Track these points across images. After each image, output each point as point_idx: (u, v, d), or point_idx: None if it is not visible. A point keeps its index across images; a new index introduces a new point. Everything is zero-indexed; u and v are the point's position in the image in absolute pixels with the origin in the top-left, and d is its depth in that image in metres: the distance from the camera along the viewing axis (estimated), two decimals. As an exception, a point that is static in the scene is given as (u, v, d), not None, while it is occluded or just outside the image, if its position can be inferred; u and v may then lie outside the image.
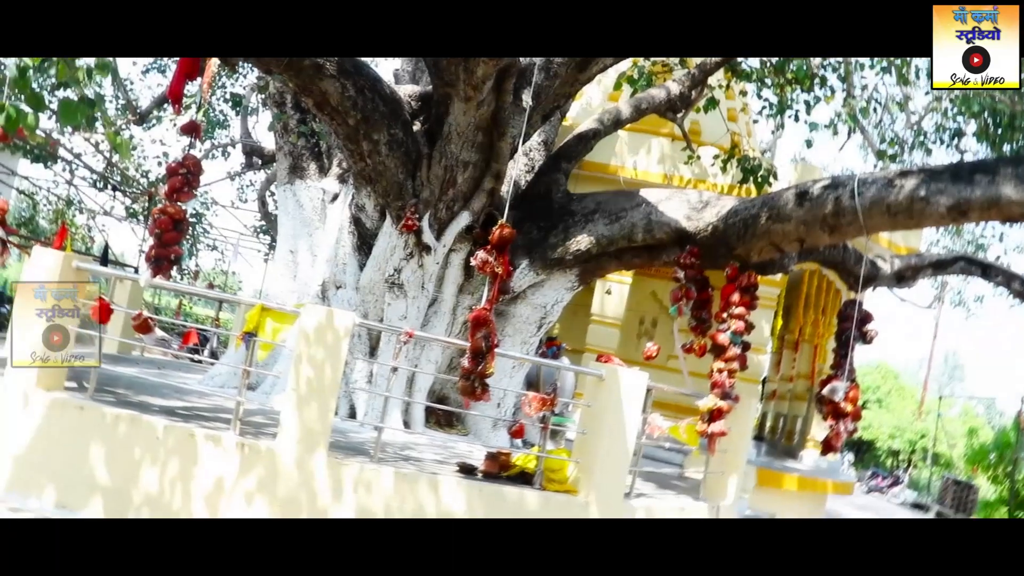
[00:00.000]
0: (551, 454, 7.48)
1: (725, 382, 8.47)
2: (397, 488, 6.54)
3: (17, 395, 6.77)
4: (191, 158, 7.15)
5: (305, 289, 10.36)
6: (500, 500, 6.81)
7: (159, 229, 6.91)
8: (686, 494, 9.11)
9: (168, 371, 11.04)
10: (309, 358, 6.52)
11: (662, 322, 14.94)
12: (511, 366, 10.19)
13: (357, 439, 8.12)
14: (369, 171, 9.15)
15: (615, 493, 7.39)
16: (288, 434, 6.43)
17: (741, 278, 8.75)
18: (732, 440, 8.82)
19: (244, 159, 18.21)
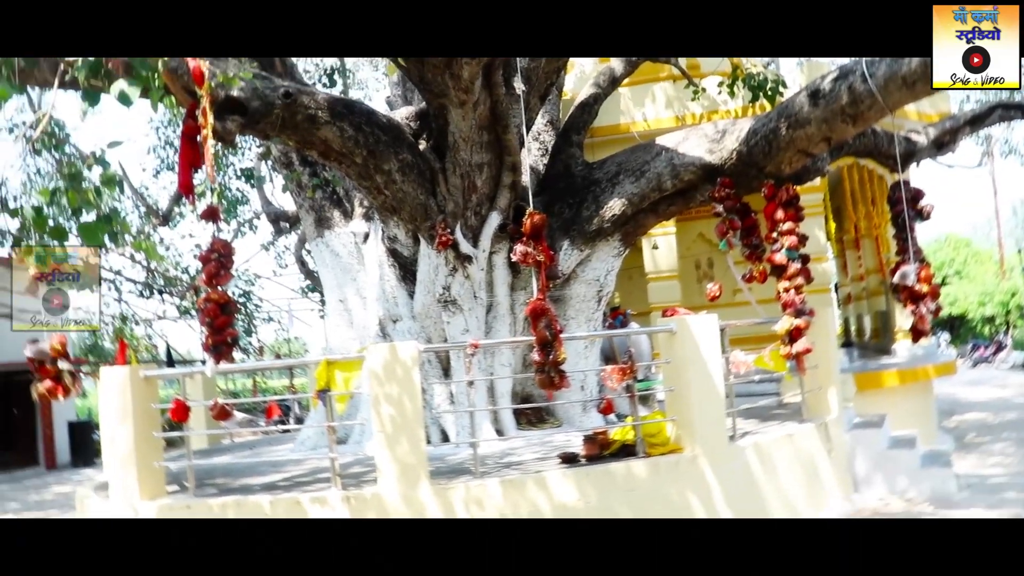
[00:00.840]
0: (646, 420, 7.44)
1: (795, 300, 8.33)
2: (507, 496, 6.56)
3: (126, 509, 6.95)
4: (219, 242, 7.24)
5: (364, 333, 10.44)
6: (609, 479, 6.79)
7: (209, 317, 7.00)
8: (790, 419, 9.00)
9: (260, 449, 11.24)
10: (386, 397, 6.58)
11: (718, 260, 14.77)
12: (583, 346, 10.15)
13: (456, 460, 8.16)
14: (390, 201, 9.20)
15: (719, 439, 7.33)
16: (388, 475, 6.49)
17: (780, 194, 8.60)
18: (819, 354, 8.69)
19: (272, 227, 18.44)
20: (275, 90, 7.76)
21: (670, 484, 6.95)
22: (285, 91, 7.84)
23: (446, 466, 7.79)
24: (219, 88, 6.93)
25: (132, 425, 7.16)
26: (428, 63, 8.22)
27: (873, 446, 9.36)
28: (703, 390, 7.27)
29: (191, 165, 7.05)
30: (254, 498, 6.71)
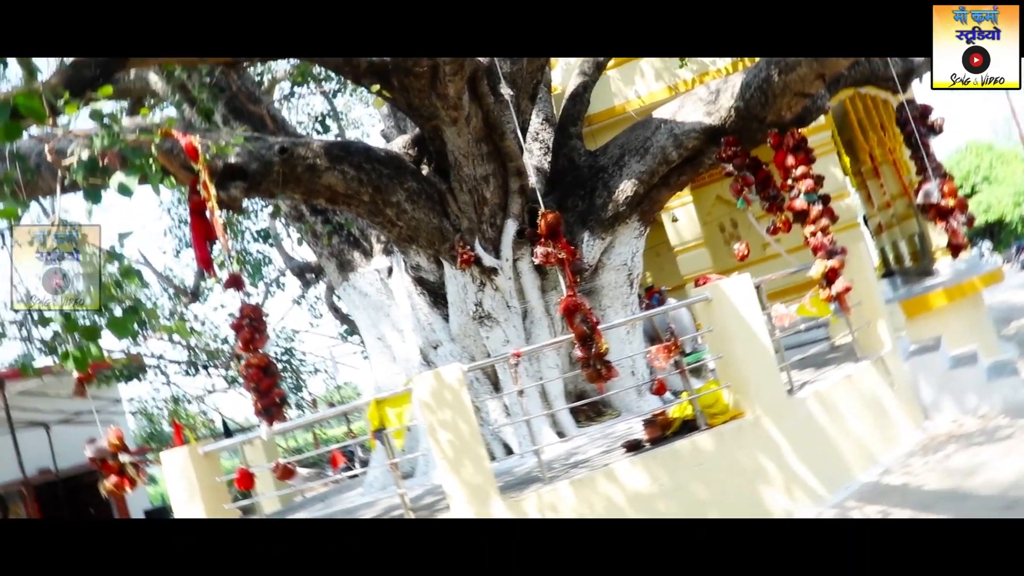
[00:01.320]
0: (701, 392, 7.39)
1: (824, 242, 8.24)
2: (580, 496, 6.54)
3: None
4: (248, 307, 7.30)
5: (408, 365, 10.48)
6: (675, 458, 6.75)
7: (253, 382, 7.06)
8: (846, 361, 8.89)
9: (331, 499, 11.31)
10: (440, 423, 6.58)
11: (740, 220, 14.64)
12: (624, 332, 10.12)
13: (523, 471, 8.15)
14: (405, 232, 9.24)
15: (777, 396, 7.27)
16: (458, 499, 6.49)
17: (786, 140, 8.51)
18: (860, 290, 8.59)
19: (299, 280, 18.60)
20: (270, 148, 7.83)
21: (737, 451, 6.90)
22: (280, 147, 7.91)
23: (515, 478, 7.79)
24: (215, 158, 7.01)
25: (201, 502, 7.23)
26: (412, 88, 8.26)
27: (934, 370, 9.23)
28: (751, 351, 7.22)
29: (205, 239, 7.13)
30: (334, 549, 6.73)
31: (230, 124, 9.68)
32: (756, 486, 6.85)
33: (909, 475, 7.14)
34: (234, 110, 9.98)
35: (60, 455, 16.75)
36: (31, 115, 4.02)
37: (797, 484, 6.96)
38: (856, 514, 6.49)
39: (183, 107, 10.13)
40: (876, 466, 7.65)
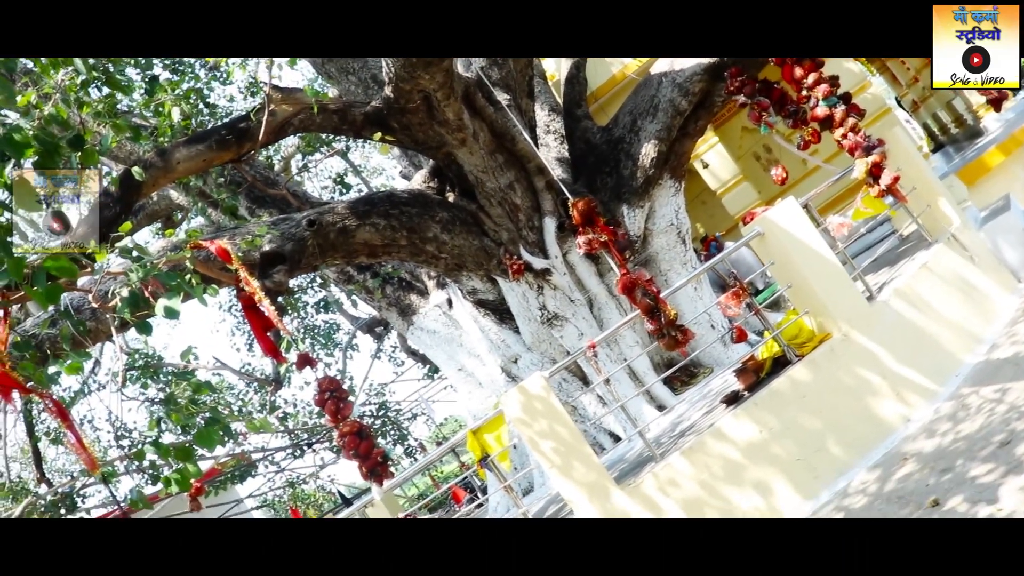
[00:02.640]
0: (781, 326, 7.27)
1: (857, 140, 8.06)
2: (694, 463, 6.48)
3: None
4: (325, 380, 7.43)
5: (495, 386, 10.52)
6: (776, 398, 6.65)
7: (352, 449, 7.18)
8: (918, 250, 8.67)
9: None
10: (539, 434, 6.60)
11: (771, 144, 14.40)
12: (692, 289, 10.02)
13: (636, 454, 8.12)
14: (451, 262, 9.30)
15: (859, 307, 7.11)
16: (579, 501, 6.49)
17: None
18: (910, 174, 8.36)
19: (371, 336, 18.84)
20: (299, 225, 7.96)
21: (836, 372, 6.77)
22: (308, 220, 8.04)
23: (629, 464, 7.76)
24: (250, 252, 7.15)
25: (340, 578, 7.34)
26: (413, 125, 8.33)
27: (1012, 230, 8.91)
28: (818, 271, 7.07)
29: (265, 329, 7.27)
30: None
31: (256, 214, 9.87)
32: (864, 401, 6.71)
33: (1019, 343, 6.90)
34: (256, 199, 10.18)
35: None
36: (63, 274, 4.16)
37: (905, 386, 6.79)
38: (974, 399, 6.30)
39: (208, 212, 10.36)
40: (981, 344, 7.42)
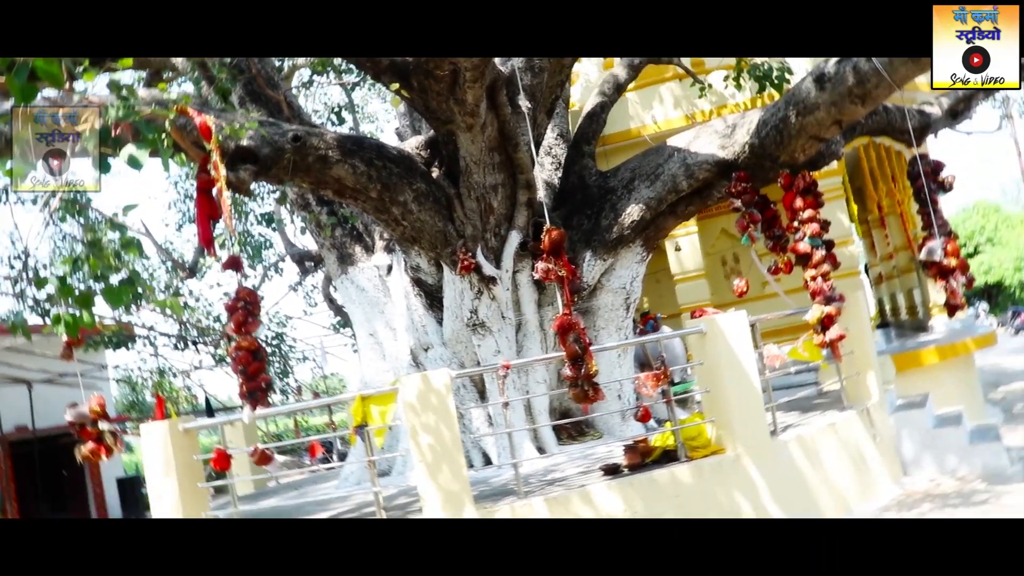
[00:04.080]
0: (685, 423, 7.40)
1: (823, 287, 8.25)
2: (553, 514, 6.54)
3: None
4: (244, 290, 7.29)
5: (397, 364, 10.47)
6: (653, 486, 6.76)
7: (242, 365, 7.04)
8: (831, 408, 8.90)
9: (305, 488, 11.29)
10: (423, 426, 6.59)
11: (742, 255, 14.69)
12: (615, 355, 10.13)
13: (500, 482, 8.15)
14: (409, 232, 9.25)
15: (760, 436, 7.27)
16: (432, 503, 6.50)
17: (797, 182, 8.53)
18: (853, 339, 8.61)
19: (298, 268, 18.57)
20: (284, 135, 7.84)
21: (715, 486, 6.91)
22: (294, 135, 7.92)
23: (490, 488, 7.79)
24: (228, 140, 7.02)
25: (176, 478, 7.22)
26: (431, 90, 8.27)
27: (918, 427, 9.24)
28: (739, 388, 7.22)
29: (209, 218, 7.12)
30: (303, 540, 6.72)
31: (246, 106, 9.68)
32: (730, 523, 6.84)
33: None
34: (251, 93, 9.99)
35: (39, 414, 16.65)
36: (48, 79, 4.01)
37: (771, 526, 6.95)
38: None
39: (201, 84, 10.14)
40: (849, 516, 7.65)
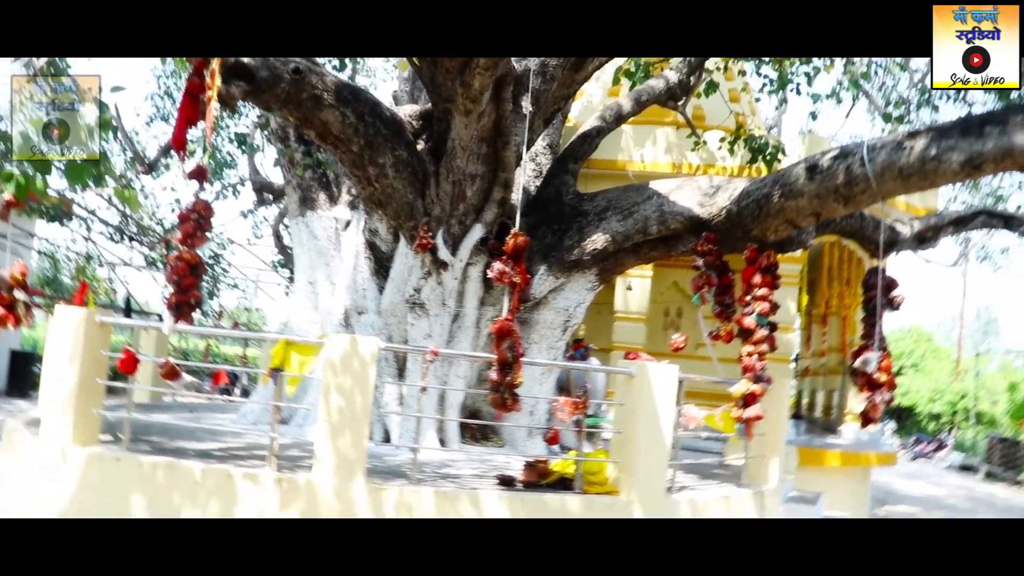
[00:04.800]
0: (589, 457, 7.45)
1: (756, 365, 8.40)
2: (439, 507, 6.54)
3: (55, 452, 6.86)
4: (201, 203, 7.17)
5: (328, 318, 10.39)
6: (542, 508, 6.79)
7: (176, 276, 6.92)
8: (728, 482, 9.05)
9: (201, 413, 11.11)
10: (338, 387, 6.54)
11: (687, 312, 14.86)
12: (540, 372, 10.17)
13: (394, 462, 8.13)
14: (378, 195, 9.18)
15: (656, 489, 7.35)
16: (324, 465, 6.45)
17: (760, 259, 8.68)
18: (769, 422, 8.75)
19: (255, 196, 18.31)
20: (286, 63, 7.72)
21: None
22: (295, 67, 7.81)
23: (383, 466, 7.76)
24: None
25: (78, 368, 7.06)
26: (441, 66, 8.23)
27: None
28: (650, 438, 7.29)
29: (188, 121, 6.99)
30: (186, 463, 6.62)
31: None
32: (604, 564, 6.90)
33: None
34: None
35: (-46, 266, 16.14)
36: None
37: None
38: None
39: None
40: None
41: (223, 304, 21.49)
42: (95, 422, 7.20)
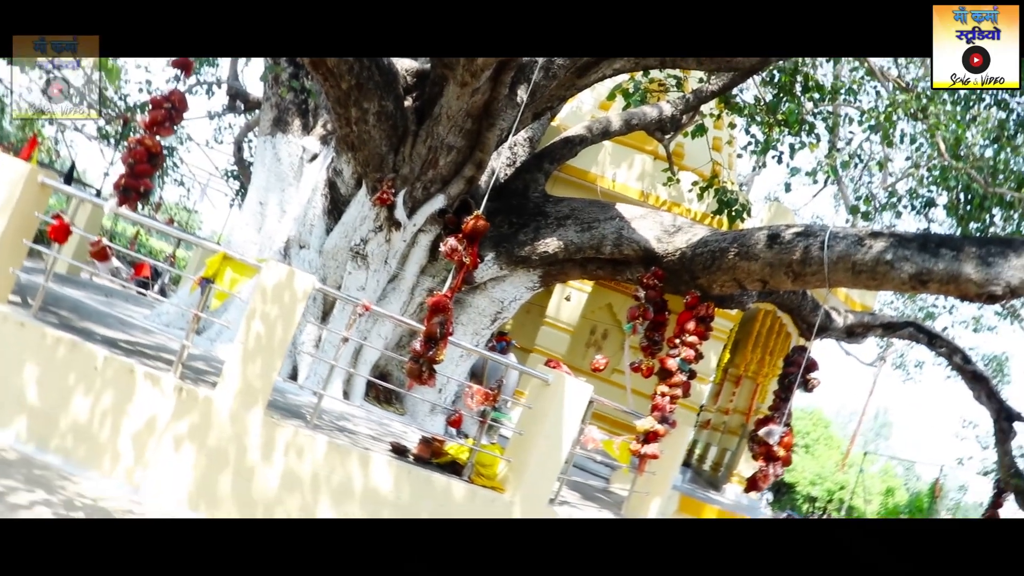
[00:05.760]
0: (484, 449, 7.51)
1: (666, 406, 8.56)
2: (328, 457, 6.52)
3: (-41, 299, 6.68)
4: (177, 93, 7.05)
5: (268, 244, 10.27)
6: (427, 486, 6.82)
7: (133, 159, 6.81)
8: (608, 509, 9.20)
9: (115, 300, 10.89)
10: (263, 314, 6.48)
11: (613, 336, 15.04)
12: (459, 355, 10.21)
13: (295, 402, 8.09)
14: (353, 138, 9.10)
15: (541, 497, 7.44)
16: (228, 386, 6.38)
17: (699, 308, 8.85)
18: (662, 464, 8.92)
19: (227, 101, 17.96)
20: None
21: (477, 517, 7.02)
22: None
23: (284, 403, 7.71)
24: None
25: (7, 222, 6.85)
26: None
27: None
28: (548, 446, 7.36)
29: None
30: (91, 347, 6.48)
31: None
32: (470, 555, 6.97)
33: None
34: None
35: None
36: None
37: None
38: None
39: None
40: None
41: (163, 198, 21.03)
42: (8, 281, 7.00)
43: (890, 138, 12.84)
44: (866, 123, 13.01)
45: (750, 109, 12.38)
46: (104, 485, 6.11)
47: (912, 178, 15.15)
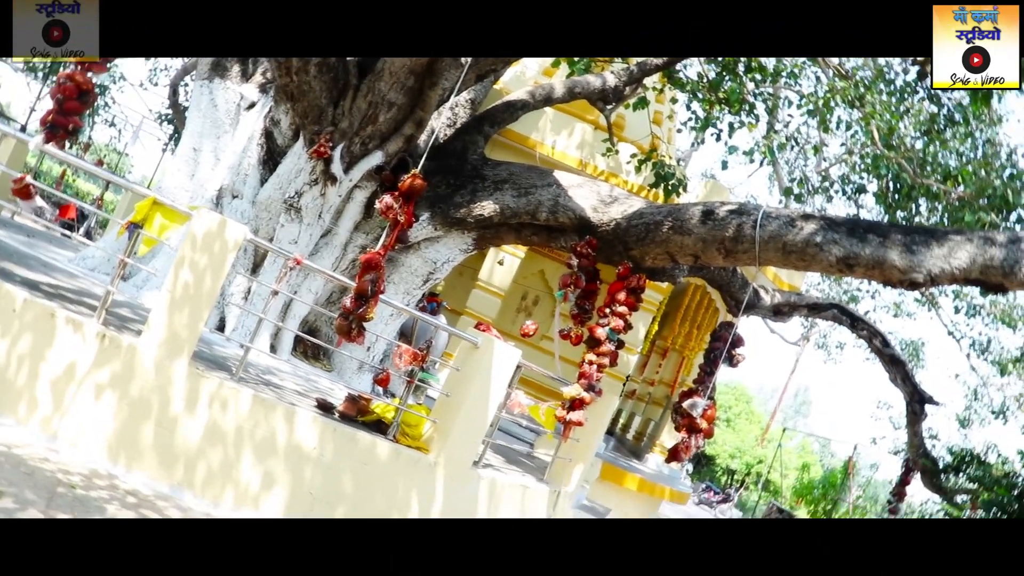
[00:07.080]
0: (411, 408, 7.53)
1: (593, 374, 8.67)
2: (252, 411, 6.47)
3: None
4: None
5: (200, 191, 10.06)
6: (351, 444, 6.82)
7: (62, 95, 6.59)
8: (531, 473, 9.30)
9: (38, 241, 10.57)
10: (191, 263, 6.36)
11: (544, 302, 15.12)
12: (389, 314, 10.18)
13: (221, 353, 7.98)
14: (293, 88, 8.94)
15: (465, 459, 7.50)
16: (153, 334, 6.27)
17: (631, 279, 8.95)
18: (586, 431, 9.04)
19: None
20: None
21: (399, 475, 7.05)
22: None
23: (210, 354, 7.60)
24: None
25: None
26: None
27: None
28: (474, 409, 7.42)
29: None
30: (9, 288, 6.30)
31: None
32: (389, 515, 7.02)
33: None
34: None
35: None
36: None
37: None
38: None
39: None
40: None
41: (93, 138, 20.42)
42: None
43: (827, 123, 13.07)
44: (804, 107, 13.23)
45: (692, 85, 12.48)
46: (19, 432, 5.97)
47: (845, 164, 15.47)
